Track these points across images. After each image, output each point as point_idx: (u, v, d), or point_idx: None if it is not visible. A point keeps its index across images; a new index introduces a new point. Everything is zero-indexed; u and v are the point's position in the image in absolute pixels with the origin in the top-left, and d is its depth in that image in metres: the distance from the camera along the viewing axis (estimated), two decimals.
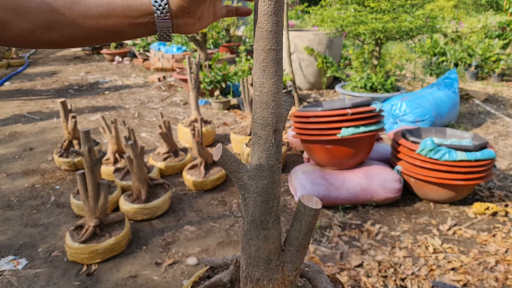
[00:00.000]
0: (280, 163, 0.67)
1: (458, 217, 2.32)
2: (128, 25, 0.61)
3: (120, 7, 0.59)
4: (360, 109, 2.33)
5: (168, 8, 0.60)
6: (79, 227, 2.06)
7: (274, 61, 0.60)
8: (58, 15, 0.57)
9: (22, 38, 0.58)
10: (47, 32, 0.58)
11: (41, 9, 0.56)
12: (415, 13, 3.85)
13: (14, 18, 0.55)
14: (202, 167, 2.72)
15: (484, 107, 4.58)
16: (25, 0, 0.56)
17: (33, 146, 3.59)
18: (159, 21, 0.60)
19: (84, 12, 0.58)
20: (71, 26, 0.58)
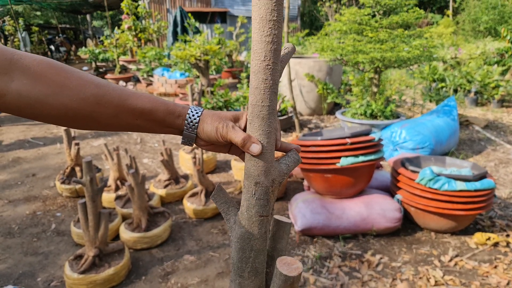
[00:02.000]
0: (264, 216, 0.65)
1: (460, 248, 2.31)
2: (160, 127, 0.67)
3: (161, 114, 0.64)
4: (359, 138, 2.35)
5: (197, 123, 0.66)
6: (78, 256, 2.06)
7: (264, 125, 0.61)
8: (103, 109, 0.60)
9: (58, 120, 0.59)
10: (85, 119, 0.60)
11: (88, 100, 0.58)
12: (413, 43, 3.93)
13: (53, 102, 0.56)
14: (202, 195, 2.73)
15: (484, 134, 4.60)
16: (72, 88, 0.57)
17: (35, 172, 3.62)
18: (186, 133, 0.67)
19: (129, 110, 0.62)
20: (110, 119, 0.62)
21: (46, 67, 0.56)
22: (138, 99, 0.63)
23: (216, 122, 0.65)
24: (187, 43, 7.01)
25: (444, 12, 18.94)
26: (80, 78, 0.58)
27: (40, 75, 0.55)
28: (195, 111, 0.66)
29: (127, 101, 0.62)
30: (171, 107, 0.65)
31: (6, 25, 13.21)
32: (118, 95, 0.61)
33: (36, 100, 0.55)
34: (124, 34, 9.95)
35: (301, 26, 20.48)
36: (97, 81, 0.60)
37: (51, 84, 0.56)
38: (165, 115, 0.65)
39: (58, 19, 25.25)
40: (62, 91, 0.56)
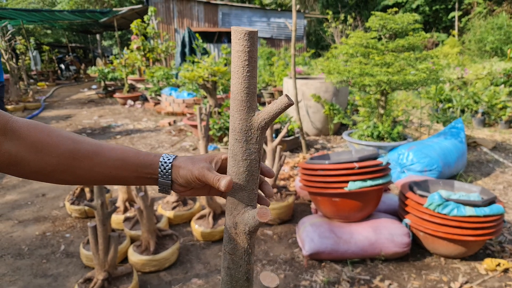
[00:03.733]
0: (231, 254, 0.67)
1: (470, 274, 2.29)
2: (135, 178, 0.70)
3: (132, 164, 0.68)
4: (367, 162, 2.37)
5: (170, 174, 0.69)
6: (87, 280, 2.07)
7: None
8: (78, 162, 0.65)
9: (38, 175, 0.65)
10: (63, 174, 0.65)
11: (65, 155, 0.64)
12: (419, 67, 3.97)
13: (35, 159, 0.62)
14: (210, 217, 2.74)
15: (492, 156, 4.59)
16: (51, 145, 0.63)
17: (45, 192, 3.66)
18: (161, 180, 0.70)
19: (102, 163, 0.67)
20: (87, 172, 0.66)
21: (32, 129, 0.62)
22: (111, 151, 0.68)
23: (191, 165, 0.68)
24: (195, 64, 7.12)
25: (450, 32, 19.10)
26: (59, 135, 0.64)
27: (27, 135, 0.61)
28: (167, 158, 0.69)
29: (100, 154, 0.66)
30: (143, 156, 0.69)
31: (18, 44, 13.49)
32: (92, 149, 0.66)
33: (22, 158, 0.61)
34: (133, 53, 10.13)
35: (307, 46, 20.72)
36: (74, 137, 0.66)
37: (35, 143, 0.61)
38: (137, 166, 0.68)
39: (69, 38, 25.77)
40: (43, 149, 0.62)
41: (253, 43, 0.57)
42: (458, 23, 19.15)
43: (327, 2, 22.50)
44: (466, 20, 18.63)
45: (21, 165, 0.62)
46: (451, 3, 19.77)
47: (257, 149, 0.63)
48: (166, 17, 15.25)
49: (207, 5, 15.88)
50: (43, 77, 15.90)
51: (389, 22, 4.16)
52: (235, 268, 0.67)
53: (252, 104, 0.61)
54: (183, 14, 15.60)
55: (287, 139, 4.81)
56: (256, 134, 0.61)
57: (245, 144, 0.62)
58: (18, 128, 0.61)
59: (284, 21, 16.50)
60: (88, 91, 11.89)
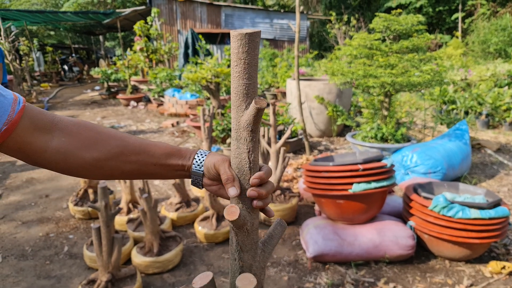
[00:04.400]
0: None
1: (474, 277, 2.27)
2: (173, 172, 0.74)
3: (175, 159, 0.72)
4: (371, 164, 2.36)
5: (202, 171, 0.72)
6: (91, 281, 2.07)
7: None
8: (126, 157, 0.68)
9: (86, 172, 0.67)
10: (111, 169, 0.69)
11: (114, 151, 0.67)
12: (423, 68, 3.96)
13: (85, 156, 0.66)
14: (214, 219, 2.74)
15: (496, 158, 4.56)
16: (101, 142, 0.66)
17: (48, 193, 3.66)
18: (194, 170, 0.73)
19: (147, 159, 0.70)
20: (132, 166, 0.69)
21: (81, 127, 0.65)
22: (155, 147, 0.71)
23: (217, 157, 0.71)
24: (198, 65, 7.13)
25: (453, 33, 19.05)
26: (108, 133, 0.68)
27: (76, 133, 0.64)
28: (203, 152, 0.74)
29: (145, 151, 0.70)
30: (183, 151, 0.74)
31: (21, 45, 13.54)
32: (138, 146, 0.70)
33: (70, 155, 0.63)
34: (136, 55, 10.15)
35: (310, 47, 20.72)
36: (120, 134, 0.69)
37: (85, 140, 0.64)
38: (178, 159, 0.72)
39: (72, 39, 25.86)
40: (93, 145, 0.65)
41: (241, 44, 0.58)
42: (462, 24, 19.10)
43: (330, 4, 22.49)
44: (469, 21, 18.57)
45: (69, 162, 0.64)
46: (455, 4, 19.72)
47: (246, 150, 0.64)
48: (169, 18, 15.28)
49: (210, 7, 15.90)
50: (46, 78, 15.95)
51: (393, 23, 4.15)
52: (232, 260, 0.72)
53: (241, 104, 0.62)
54: (186, 15, 15.63)
55: (291, 141, 4.80)
56: (243, 134, 0.63)
57: (236, 142, 0.65)
58: (65, 127, 0.64)
59: (288, 23, 16.52)
60: (91, 92, 11.92)
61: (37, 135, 0.61)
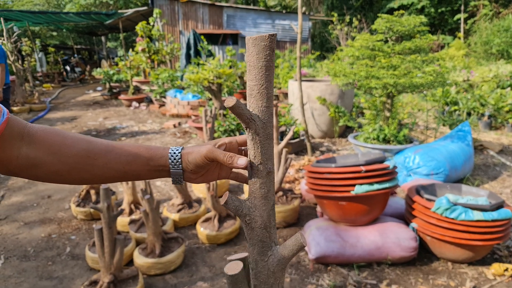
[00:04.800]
0: None
1: (477, 279, 2.27)
2: (147, 171, 0.73)
3: (144, 158, 0.72)
4: (373, 166, 2.35)
5: (180, 159, 0.73)
6: (93, 282, 2.07)
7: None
8: (93, 160, 0.68)
9: (57, 177, 0.68)
10: (80, 173, 0.69)
11: (80, 154, 0.67)
12: (426, 69, 3.95)
13: (53, 160, 0.65)
14: (216, 220, 2.74)
15: (499, 159, 4.55)
16: (67, 146, 0.66)
17: (51, 194, 3.66)
18: (173, 170, 0.73)
19: (115, 158, 0.70)
20: (101, 169, 0.70)
21: (48, 133, 0.66)
22: (122, 148, 0.72)
23: (197, 148, 0.72)
24: (200, 66, 7.13)
25: (455, 34, 19.01)
26: (73, 137, 0.68)
27: (43, 140, 0.65)
28: (175, 149, 0.73)
29: (112, 151, 0.70)
30: (153, 150, 0.73)
31: (23, 46, 13.58)
32: (105, 147, 0.70)
33: (39, 160, 0.65)
34: (138, 55, 10.17)
35: (312, 48, 20.72)
36: (87, 138, 0.70)
37: (51, 145, 0.65)
38: (149, 159, 0.72)
39: (74, 39, 25.91)
40: (59, 150, 0.66)
41: (260, 49, 0.59)
42: (464, 25, 19.07)
43: (332, 4, 22.50)
44: (472, 22, 18.54)
45: (39, 167, 0.65)
46: (457, 5, 19.69)
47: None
48: (171, 19, 15.29)
49: (212, 7, 15.92)
50: (48, 78, 15.99)
51: (395, 24, 4.15)
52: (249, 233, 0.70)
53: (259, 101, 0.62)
54: (188, 16, 15.64)
55: (292, 142, 4.80)
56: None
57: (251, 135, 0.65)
58: (34, 133, 0.64)
59: (289, 24, 16.53)
60: (93, 92, 11.94)
61: (12, 142, 0.62)
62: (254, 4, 24.45)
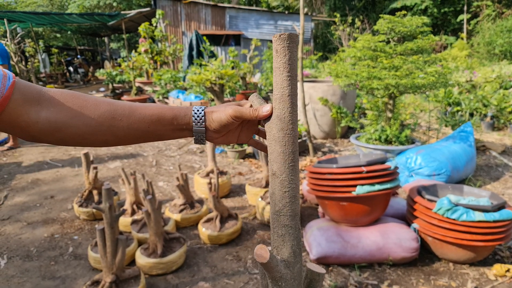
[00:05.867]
0: None
1: (479, 279, 2.26)
2: (171, 131, 0.73)
3: (168, 117, 0.72)
4: (375, 167, 2.35)
5: (203, 116, 0.72)
6: (95, 282, 2.08)
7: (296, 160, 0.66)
8: (117, 122, 0.68)
9: (81, 139, 0.67)
10: (104, 135, 0.68)
11: (104, 116, 0.67)
12: (428, 70, 3.94)
13: (77, 123, 0.65)
14: (217, 221, 2.74)
15: (501, 160, 4.54)
16: (89, 108, 0.66)
17: (53, 194, 3.68)
18: (196, 128, 0.73)
19: (139, 119, 0.70)
20: (125, 130, 0.69)
21: (67, 96, 0.66)
22: (146, 108, 0.71)
23: (223, 107, 0.73)
24: (202, 67, 7.15)
25: (458, 34, 18.97)
26: (95, 99, 0.68)
27: (63, 103, 0.65)
28: (199, 107, 0.73)
29: (136, 111, 0.70)
30: (177, 109, 0.73)
31: (27, 47, 13.63)
32: (128, 108, 0.70)
33: (62, 124, 0.64)
34: (141, 56, 10.19)
35: (314, 48, 20.71)
36: (108, 100, 0.70)
37: (73, 108, 0.65)
38: (173, 118, 0.72)
39: (77, 41, 26.00)
40: (82, 112, 0.65)
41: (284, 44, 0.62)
42: (467, 25, 19.02)
43: (334, 5, 22.48)
44: (475, 22, 18.50)
45: (63, 131, 0.65)
46: (460, 5, 19.64)
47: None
48: (173, 20, 15.33)
49: (215, 8, 15.94)
50: (52, 79, 16.04)
51: (397, 25, 4.15)
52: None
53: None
54: (191, 17, 15.67)
55: None
56: None
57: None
58: (51, 97, 0.64)
59: (292, 24, 16.52)
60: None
61: (27, 107, 0.62)
62: (256, 5, 24.47)
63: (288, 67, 0.61)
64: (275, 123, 0.65)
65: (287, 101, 0.63)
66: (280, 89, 0.63)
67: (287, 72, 0.62)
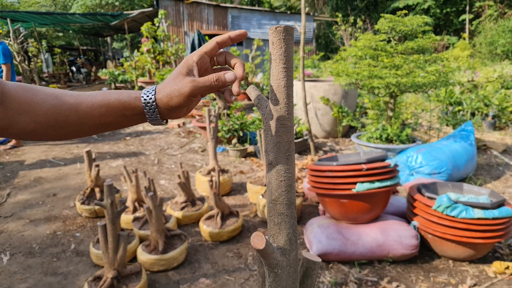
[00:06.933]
0: None
1: (478, 277, 2.27)
2: (124, 119, 0.69)
3: (117, 107, 0.67)
4: (375, 164, 2.37)
5: (156, 108, 0.67)
6: (97, 278, 2.10)
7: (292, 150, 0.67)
8: (65, 117, 0.65)
9: (32, 135, 0.66)
10: (55, 130, 0.66)
11: (50, 112, 0.64)
12: (428, 69, 3.95)
13: (26, 119, 0.63)
14: (218, 218, 2.76)
15: (502, 159, 4.54)
16: (37, 104, 0.64)
17: (56, 192, 3.71)
18: (150, 120, 0.69)
19: (87, 113, 0.66)
20: (76, 124, 0.67)
21: (19, 90, 0.63)
22: (92, 101, 0.66)
23: (179, 89, 0.65)
24: None
25: (460, 34, 18.94)
26: (43, 93, 0.65)
27: (15, 97, 0.62)
28: (147, 95, 0.67)
29: (82, 104, 0.66)
30: (124, 98, 0.67)
31: (30, 47, 13.69)
32: (74, 102, 0.65)
33: (11, 119, 0.63)
34: (143, 56, 10.23)
35: (316, 48, 20.71)
36: (56, 93, 0.66)
37: (22, 103, 0.63)
38: (123, 109, 0.67)
39: (80, 40, 26.08)
40: (30, 108, 0.63)
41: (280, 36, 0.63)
42: (469, 26, 18.99)
43: (336, 5, 22.48)
44: (477, 23, 18.47)
45: (14, 127, 0.63)
46: (462, 5, 19.62)
47: None
48: (176, 20, 15.36)
49: (217, 8, 15.97)
50: (54, 79, 16.11)
51: (398, 24, 4.16)
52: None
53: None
54: (193, 17, 15.71)
55: (296, 141, 4.81)
56: None
57: None
58: (7, 91, 0.62)
59: (294, 24, 16.53)
60: None
61: None
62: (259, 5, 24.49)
63: (284, 59, 0.63)
64: (271, 113, 0.66)
65: (283, 92, 0.64)
66: (276, 80, 0.64)
67: (283, 63, 0.63)
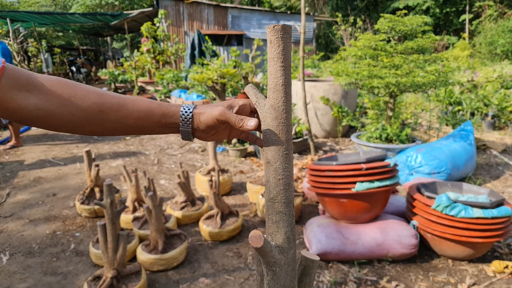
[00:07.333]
0: None
1: (477, 276, 2.28)
2: (158, 127, 0.73)
3: (156, 115, 0.72)
4: (374, 164, 2.37)
5: (191, 123, 0.73)
6: (97, 277, 2.10)
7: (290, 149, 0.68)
8: (105, 115, 0.68)
9: (69, 128, 0.68)
10: (91, 126, 0.69)
11: (91, 109, 0.67)
12: (428, 69, 3.96)
13: (63, 112, 0.65)
14: (218, 218, 2.76)
15: (502, 159, 4.55)
16: (78, 98, 0.66)
17: (56, 192, 3.71)
18: (182, 129, 0.73)
19: (127, 114, 0.70)
20: (113, 123, 0.70)
21: (56, 83, 0.66)
22: (134, 104, 0.71)
23: (210, 109, 0.72)
24: (204, 66, 7.17)
25: (460, 34, 18.95)
26: (84, 89, 0.67)
27: (52, 90, 0.64)
28: (187, 108, 0.73)
29: (125, 106, 0.69)
30: (165, 107, 0.73)
31: (30, 47, 13.68)
32: (117, 102, 0.69)
33: (50, 112, 0.64)
34: (143, 56, 10.23)
35: (316, 48, 20.72)
36: (98, 91, 0.69)
37: (60, 97, 0.65)
38: (161, 116, 0.72)
39: (80, 40, 26.07)
40: (70, 102, 0.65)
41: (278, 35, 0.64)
42: (469, 26, 18.99)
43: (336, 5, 22.49)
44: (477, 23, 18.47)
45: (50, 119, 0.65)
46: (462, 5, 19.62)
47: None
48: (176, 20, 15.37)
49: (217, 8, 15.98)
50: None
51: (398, 24, 4.16)
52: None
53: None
54: (193, 17, 15.71)
55: (296, 141, 4.82)
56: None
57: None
58: (40, 84, 0.64)
59: (294, 24, 16.53)
60: None
61: (15, 92, 0.62)
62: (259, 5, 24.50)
63: (281, 57, 0.63)
64: (269, 112, 0.67)
65: (281, 91, 0.64)
66: (274, 79, 0.64)
67: (280, 62, 0.63)
